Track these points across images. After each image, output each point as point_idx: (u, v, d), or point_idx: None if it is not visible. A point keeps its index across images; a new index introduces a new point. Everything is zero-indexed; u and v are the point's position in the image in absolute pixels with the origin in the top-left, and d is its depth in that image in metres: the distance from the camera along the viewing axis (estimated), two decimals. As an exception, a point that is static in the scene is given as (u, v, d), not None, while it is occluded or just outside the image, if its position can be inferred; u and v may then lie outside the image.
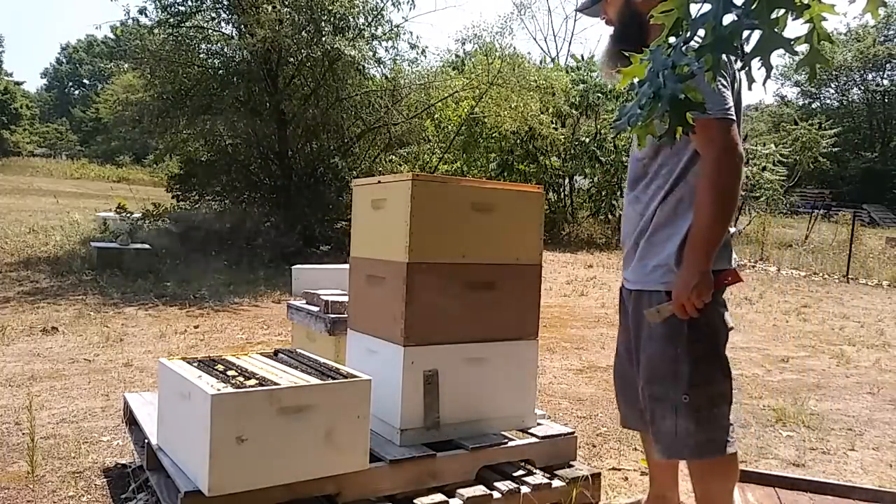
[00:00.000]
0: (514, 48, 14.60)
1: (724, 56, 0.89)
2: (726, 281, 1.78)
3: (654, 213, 1.82)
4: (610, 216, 16.41)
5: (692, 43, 0.95)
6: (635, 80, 1.00)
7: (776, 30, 0.88)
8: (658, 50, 0.96)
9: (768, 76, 0.92)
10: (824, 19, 0.90)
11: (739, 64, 0.90)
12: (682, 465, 2.70)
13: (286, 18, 8.60)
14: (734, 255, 1.84)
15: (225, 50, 10.31)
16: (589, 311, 6.92)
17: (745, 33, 0.89)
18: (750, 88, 0.92)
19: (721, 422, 1.76)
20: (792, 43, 0.90)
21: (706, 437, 1.75)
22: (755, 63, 0.90)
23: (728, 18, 0.89)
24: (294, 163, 10.70)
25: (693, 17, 0.93)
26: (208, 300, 6.55)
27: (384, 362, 2.28)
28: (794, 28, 0.94)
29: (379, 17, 10.24)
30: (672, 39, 0.96)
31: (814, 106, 40.60)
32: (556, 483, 2.22)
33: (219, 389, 1.79)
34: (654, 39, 1.86)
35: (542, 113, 14.09)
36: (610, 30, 1.96)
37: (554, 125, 15.24)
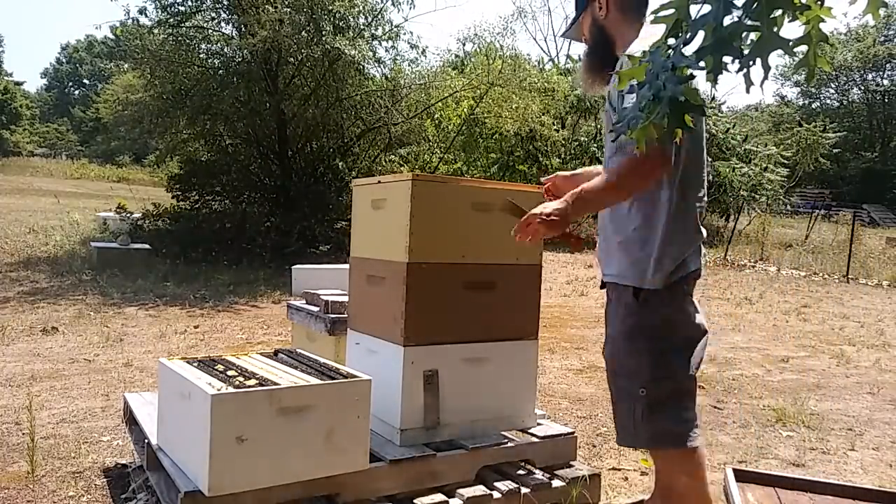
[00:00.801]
0: (516, 49, 14.64)
1: (724, 57, 0.89)
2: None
3: (631, 213, 1.84)
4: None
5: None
6: (634, 83, 1.00)
7: (775, 30, 0.88)
8: (657, 52, 0.96)
9: (766, 77, 0.92)
10: (822, 21, 0.90)
11: (738, 65, 0.90)
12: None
13: (286, 18, 8.59)
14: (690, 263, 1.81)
15: (225, 50, 10.31)
16: (589, 311, 6.92)
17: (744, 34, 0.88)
18: (748, 91, 0.92)
19: (681, 416, 1.78)
20: (790, 44, 0.90)
21: (661, 427, 1.78)
22: (748, 63, 0.90)
23: (728, 20, 0.89)
24: (294, 163, 10.70)
25: (693, 18, 0.92)
26: (208, 300, 6.56)
27: (384, 362, 2.28)
28: (792, 29, 0.94)
29: (379, 17, 10.24)
30: (671, 41, 0.95)
31: (814, 106, 40.62)
32: (556, 483, 2.22)
33: (219, 389, 1.79)
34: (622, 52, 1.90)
35: (543, 114, 14.11)
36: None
37: (555, 127, 15.27)
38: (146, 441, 2.19)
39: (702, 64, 0.91)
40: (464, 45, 14.87)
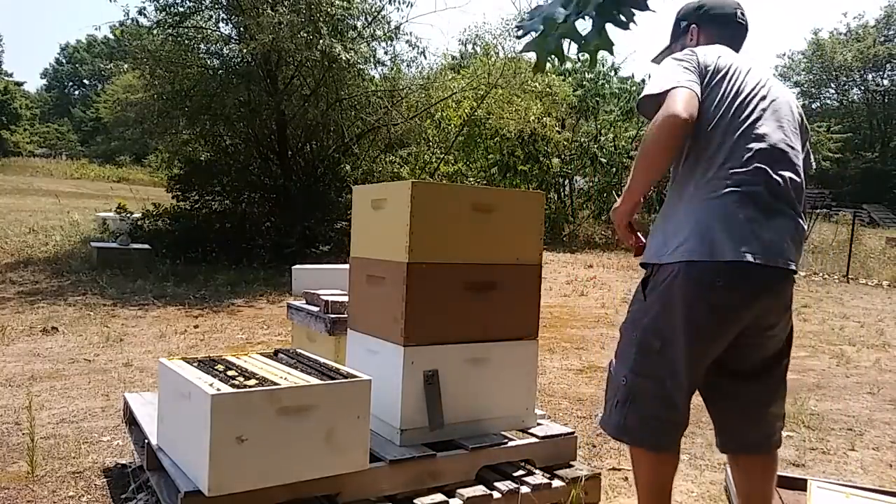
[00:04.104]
0: (516, 52, 14.66)
1: None
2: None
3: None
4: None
5: None
6: None
7: None
8: None
9: None
10: None
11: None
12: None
13: (285, 21, 8.59)
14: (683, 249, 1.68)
15: (224, 50, 10.31)
16: (589, 311, 6.92)
17: None
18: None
19: (645, 415, 1.78)
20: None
21: (626, 421, 1.80)
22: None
23: None
24: (294, 163, 10.69)
25: None
26: (208, 300, 6.56)
27: (384, 362, 2.28)
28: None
29: (378, 17, 10.24)
30: None
31: (814, 106, 40.59)
32: (556, 483, 2.22)
33: (219, 389, 1.79)
34: None
35: (545, 116, 14.13)
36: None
37: (559, 131, 15.32)
38: (146, 441, 2.19)
39: None
40: (465, 46, 14.87)
